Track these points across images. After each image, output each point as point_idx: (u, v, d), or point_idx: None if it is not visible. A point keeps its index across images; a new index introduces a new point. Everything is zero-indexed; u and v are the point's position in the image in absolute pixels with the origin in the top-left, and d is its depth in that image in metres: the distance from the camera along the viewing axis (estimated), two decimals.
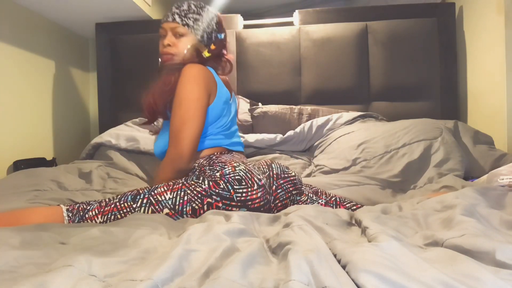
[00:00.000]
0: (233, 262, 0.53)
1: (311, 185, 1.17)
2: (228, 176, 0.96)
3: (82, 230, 0.74)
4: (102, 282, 0.50)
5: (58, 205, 0.93)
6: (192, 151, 1.06)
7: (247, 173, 0.98)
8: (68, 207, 0.91)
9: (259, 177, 0.99)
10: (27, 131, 1.89)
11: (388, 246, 0.58)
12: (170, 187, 0.95)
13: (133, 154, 1.69)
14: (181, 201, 0.92)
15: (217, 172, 0.97)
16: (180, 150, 1.04)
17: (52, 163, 1.92)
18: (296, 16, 2.06)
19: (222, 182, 0.95)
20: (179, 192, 0.94)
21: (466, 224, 0.68)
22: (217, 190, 0.94)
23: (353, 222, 0.85)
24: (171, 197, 0.93)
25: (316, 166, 1.58)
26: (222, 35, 1.29)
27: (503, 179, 1.14)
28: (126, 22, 2.14)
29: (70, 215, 0.89)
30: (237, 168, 0.98)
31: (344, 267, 0.53)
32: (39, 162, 1.84)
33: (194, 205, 0.93)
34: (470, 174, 1.45)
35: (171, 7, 1.27)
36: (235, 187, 0.95)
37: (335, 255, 0.58)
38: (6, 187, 1.19)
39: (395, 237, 0.65)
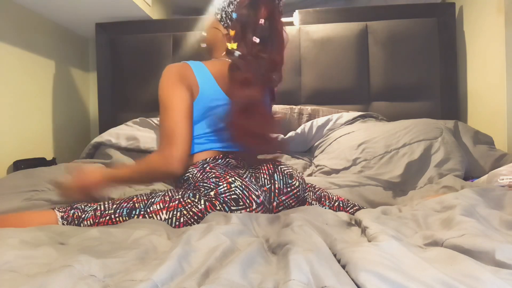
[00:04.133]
0: (232, 262, 0.53)
1: (314, 187, 1.13)
2: (223, 195, 0.91)
3: (81, 230, 0.74)
4: (102, 282, 0.50)
5: (53, 208, 0.90)
6: (185, 155, 0.98)
7: (244, 191, 0.92)
8: (62, 214, 0.88)
9: (257, 193, 0.94)
10: (27, 131, 1.89)
11: (388, 245, 0.58)
12: (166, 205, 0.90)
13: (133, 152, 1.69)
14: (177, 223, 0.88)
15: (211, 190, 0.92)
16: (174, 156, 0.95)
17: (52, 163, 1.92)
18: (296, 16, 2.06)
19: (218, 203, 0.90)
20: (175, 213, 0.89)
21: (466, 224, 0.68)
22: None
23: (353, 222, 0.85)
24: (167, 217, 0.89)
25: (316, 166, 1.58)
26: (235, 14, 1.07)
27: (503, 179, 1.14)
28: (126, 22, 2.14)
29: (65, 223, 0.87)
30: (232, 185, 0.92)
31: (344, 266, 0.53)
32: (39, 162, 1.84)
33: None
34: (470, 174, 1.45)
35: None
36: (232, 208, 0.90)
37: (335, 255, 0.58)
38: (5, 187, 1.19)
39: (395, 237, 0.65)
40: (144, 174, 1.03)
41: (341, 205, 1.08)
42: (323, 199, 1.09)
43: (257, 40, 1.07)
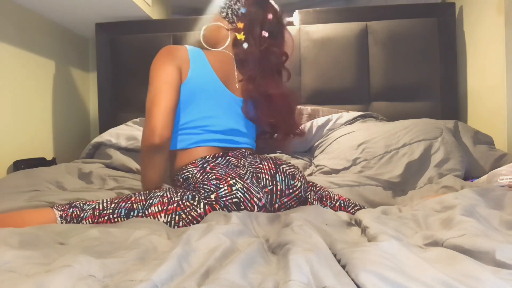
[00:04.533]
0: (232, 262, 0.53)
1: (315, 185, 1.12)
2: (224, 199, 0.89)
3: (81, 230, 0.74)
4: (102, 282, 0.50)
5: (52, 207, 0.89)
6: (164, 124, 0.96)
7: (245, 194, 0.91)
8: (61, 213, 0.87)
9: (258, 196, 0.93)
10: (27, 131, 1.89)
11: (388, 246, 0.58)
12: (165, 207, 0.88)
13: (133, 152, 1.69)
14: (175, 227, 0.87)
15: (211, 193, 0.90)
16: (152, 125, 0.95)
17: (52, 163, 1.92)
18: (296, 16, 2.06)
19: (219, 207, 0.89)
20: (173, 216, 0.88)
21: (466, 224, 0.68)
22: None
23: (353, 222, 0.85)
24: (165, 220, 0.87)
25: (316, 166, 1.58)
26: (244, 10, 1.12)
27: (503, 179, 1.14)
28: (126, 22, 2.14)
29: (64, 222, 0.86)
30: (233, 188, 0.90)
31: (344, 266, 0.53)
32: (39, 162, 1.84)
33: None
34: (470, 174, 1.45)
35: None
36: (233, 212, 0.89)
37: (335, 255, 0.58)
38: (5, 187, 1.19)
39: (395, 237, 0.65)
40: (143, 155, 1.02)
41: (342, 205, 1.08)
42: (324, 199, 1.08)
43: (266, 34, 1.11)
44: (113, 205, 0.90)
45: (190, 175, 0.99)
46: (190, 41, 2.03)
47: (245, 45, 1.11)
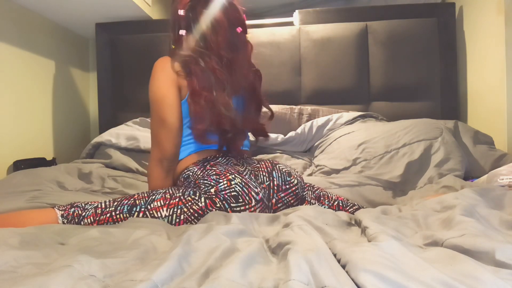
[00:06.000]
0: (232, 262, 0.53)
1: (313, 186, 1.13)
2: (223, 192, 0.91)
3: (81, 231, 0.74)
4: (102, 282, 0.50)
5: (53, 207, 0.90)
6: (175, 148, 1.02)
7: (244, 188, 0.93)
8: (63, 212, 0.88)
9: (256, 190, 0.94)
10: (27, 131, 1.89)
11: (388, 245, 0.58)
12: (167, 202, 0.90)
13: (133, 152, 1.69)
14: (177, 220, 0.89)
15: (211, 187, 0.92)
16: (164, 152, 1.01)
17: (52, 163, 1.92)
18: (296, 16, 2.06)
19: (218, 200, 0.90)
20: (175, 210, 0.89)
21: (465, 224, 0.68)
22: (213, 210, 0.90)
23: (353, 222, 0.85)
24: (167, 214, 0.89)
25: (316, 166, 1.58)
26: (182, 12, 1.04)
27: (503, 179, 1.14)
28: (126, 22, 2.14)
29: (65, 221, 0.87)
30: (232, 182, 0.93)
31: (343, 266, 0.53)
32: (39, 162, 1.84)
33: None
34: (470, 174, 1.45)
35: None
36: (232, 205, 0.91)
37: (334, 255, 0.58)
38: (6, 187, 1.19)
39: (395, 237, 0.65)
40: (153, 172, 1.06)
41: (340, 204, 1.09)
42: (322, 198, 1.09)
43: (183, 32, 1.06)
44: (115, 203, 0.92)
45: (190, 173, 1.01)
46: None
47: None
